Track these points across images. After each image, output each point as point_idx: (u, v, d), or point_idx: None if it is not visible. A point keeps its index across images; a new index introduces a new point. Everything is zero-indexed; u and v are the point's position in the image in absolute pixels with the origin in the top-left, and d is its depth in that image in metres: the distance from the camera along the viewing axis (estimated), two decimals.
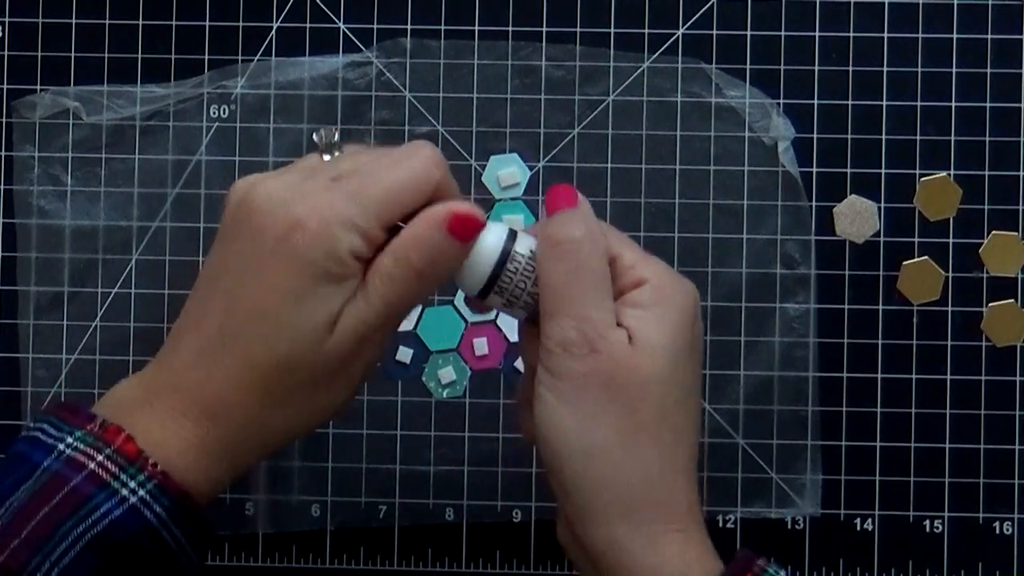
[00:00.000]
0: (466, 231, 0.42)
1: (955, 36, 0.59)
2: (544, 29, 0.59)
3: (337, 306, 0.41)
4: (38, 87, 0.59)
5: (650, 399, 0.41)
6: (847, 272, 0.59)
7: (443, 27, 0.59)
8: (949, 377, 0.58)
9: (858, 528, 0.58)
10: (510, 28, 0.59)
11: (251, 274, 0.41)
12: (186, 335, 0.43)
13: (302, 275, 0.41)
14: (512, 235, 0.44)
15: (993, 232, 0.59)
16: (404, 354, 0.59)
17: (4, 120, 0.59)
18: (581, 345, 0.41)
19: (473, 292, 0.44)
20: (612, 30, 0.59)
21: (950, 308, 0.59)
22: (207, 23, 0.59)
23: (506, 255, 0.43)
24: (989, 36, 0.59)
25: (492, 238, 0.43)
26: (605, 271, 0.43)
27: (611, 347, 0.41)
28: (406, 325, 0.58)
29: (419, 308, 0.58)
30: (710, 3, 0.59)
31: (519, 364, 0.58)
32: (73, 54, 0.59)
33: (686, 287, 0.44)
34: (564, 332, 0.42)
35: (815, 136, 0.58)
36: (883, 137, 0.59)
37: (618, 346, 0.41)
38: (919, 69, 0.59)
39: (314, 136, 0.45)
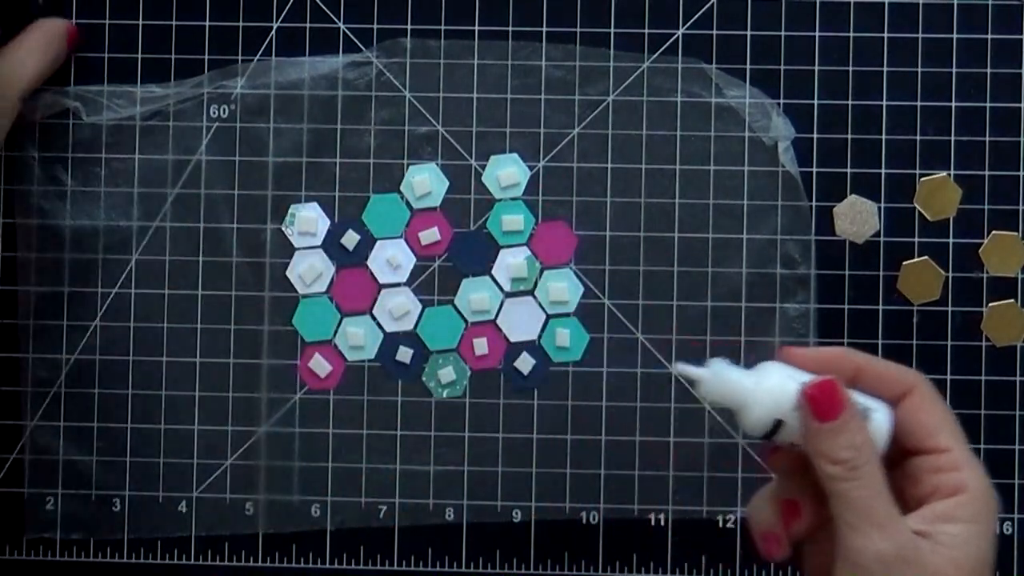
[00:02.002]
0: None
1: (955, 36, 0.58)
2: (544, 29, 0.59)
3: None
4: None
5: None
6: (847, 272, 0.58)
7: (443, 27, 0.58)
8: (949, 377, 0.58)
9: None
10: (510, 28, 0.58)
11: None
12: None
13: None
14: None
15: (993, 232, 0.58)
16: (404, 354, 0.58)
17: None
18: (897, 560, 0.41)
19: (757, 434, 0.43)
20: (612, 30, 0.58)
21: (950, 308, 0.58)
22: (207, 23, 0.59)
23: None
24: (989, 36, 0.58)
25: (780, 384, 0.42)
26: (885, 480, 0.42)
27: (923, 560, 0.41)
28: (406, 325, 0.58)
29: (419, 308, 0.58)
30: (710, 3, 0.58)
31: (519, 364, 0.58)
32: (73, 54, 0.59)
33: (993, 494, 0.43)
34: (877, 545, 0.41)
35: (815, 136, 0.58)
36: (883, 137, 0.58)
37: (925, 559, 0.41)
38: (919, 69, 0.58)
39: None
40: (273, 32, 0.59)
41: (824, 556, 0.43)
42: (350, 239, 0.58)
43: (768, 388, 0.42)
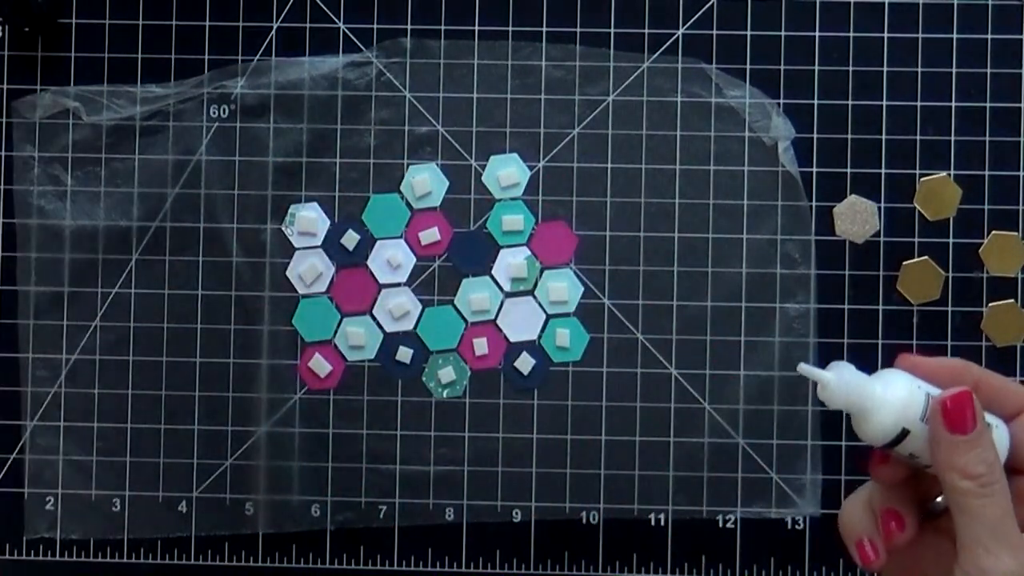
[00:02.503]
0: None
1: (955, 36, 0.58)
2: (544, 29, 0.59)
3: None
4: (38, 87, 0.59)
5: None
6: (847, 272, 0.58)
7: (443, 27, 0.58)
8: None
9: None
10: (510, 28, 0.58)
11: None
12: None
13: None
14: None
15: (993, 232, 0.59)
16: (404, 354, 0.59)
17: (4, 120, 0.59)
18: None
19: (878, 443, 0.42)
20: (612, 30, 0.58)
21: (950, 308, 0.58)
22: (207, 23, 0.59)
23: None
24: (989, 36, 0.59)
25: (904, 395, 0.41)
26: (1010, 495, 0.41)
27: None
28: (406, 325, 0.58)
29: (419, 308, 0.58)
30: (710, 3, 0.59)
31: (519, 364, 0.58)
32: (73, 54, 0.58)
33: None
34: (1007, 565, 0.40)
35: (815, 136, 0.58)
36: (883, 137, 0.58)
37: None
38: (919, 69, 0.59)
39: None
40: (273, 32, 0.59)
41: (906, 573, 0.43)
42: (350, 239, 0.59)
43: (897, 396, 0.40)
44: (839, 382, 0.40)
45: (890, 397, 0.40)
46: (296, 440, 0.59)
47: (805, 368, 0.41)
